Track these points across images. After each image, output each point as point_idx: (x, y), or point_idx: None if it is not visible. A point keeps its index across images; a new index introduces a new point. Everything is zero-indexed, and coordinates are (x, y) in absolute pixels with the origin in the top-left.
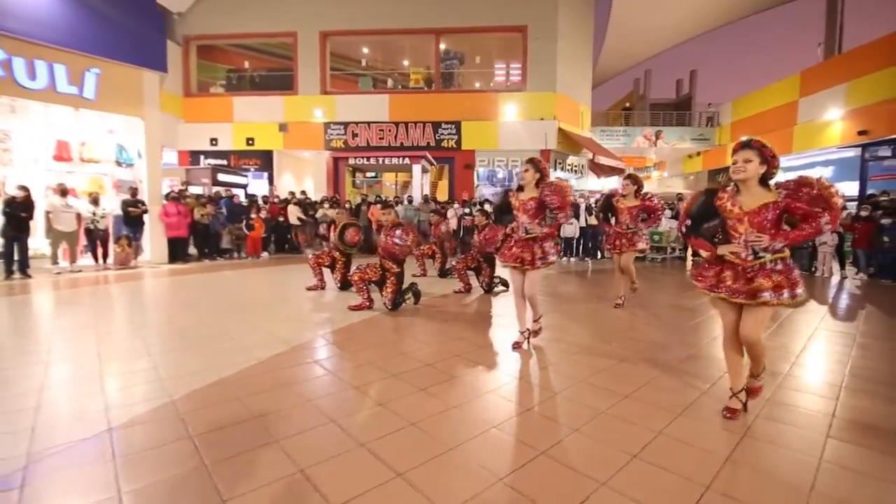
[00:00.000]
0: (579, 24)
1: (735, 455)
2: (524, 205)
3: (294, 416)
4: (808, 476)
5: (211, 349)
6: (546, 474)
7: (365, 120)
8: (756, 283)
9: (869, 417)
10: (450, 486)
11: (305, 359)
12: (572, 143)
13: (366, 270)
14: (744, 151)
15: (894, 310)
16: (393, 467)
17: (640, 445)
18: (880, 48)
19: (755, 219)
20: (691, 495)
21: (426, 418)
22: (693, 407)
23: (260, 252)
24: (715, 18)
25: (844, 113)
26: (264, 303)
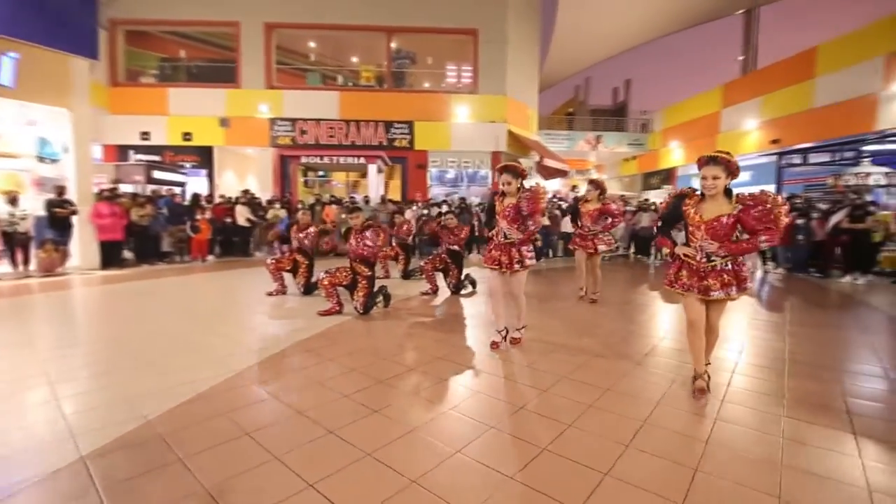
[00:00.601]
0: (527, 30)
1: (713, 437)
2: (504, 210)
3: (290, 429)
4: (776, 452)
5: (178, 363)
6: (553, 469)
7: (314, 117)
8: (707, 282)
9: (813, 398)
10: (465, 488)
11: (286, 368)
12: (521, 145)
13: (336, 274)
14: (711, 167)
15: (812, 300)
16: (406, 474)
17: (630, 435)
18: (789, 67)
19: (710, 227)
20: (684, 477)
21: (427, 423)
22: (668, 395)
23: (206, 255)
24: (647, 32)
25: (760, 123)
26: (224, 310)
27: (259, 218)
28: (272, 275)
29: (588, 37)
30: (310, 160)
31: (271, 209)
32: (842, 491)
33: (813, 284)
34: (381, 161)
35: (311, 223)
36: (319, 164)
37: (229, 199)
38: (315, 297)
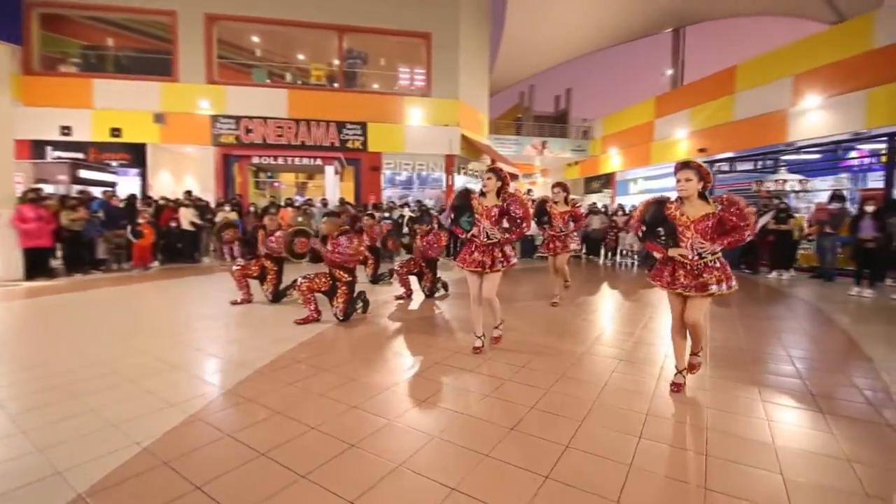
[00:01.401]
0: (478, 37)
1: (711, 425)
2: (488, 211)
3: (308, 445)
4: (766, 434)
5: (156, 382)
6: (582, 463)
7: (260, 115)
8: (703, 279)
9: (783, 383)
10: (505, 491)
11: (279, 381)
12: (474, 149)
13: (314, 280)
14: (684, 171)
15: (752, 295)
16: (447, 483)
17: (639, 426)
18: (713, 82)
19: (699, 226)
20: (698, 463)
21: (447, 428)
22: (658, 389)
23: (149, 262)
24: (586, 46)
25: (689, 133)
26: (191, 323)
27: (206, 221)
28: (237, 282)
29: (532, 47)
30: (262, 160)
31: (220, 211)
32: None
33: (744, 280)
34: (339, 162)
35: (280, 228)
36: (273, 164)
37: (174, 201)
38: (285, 305)
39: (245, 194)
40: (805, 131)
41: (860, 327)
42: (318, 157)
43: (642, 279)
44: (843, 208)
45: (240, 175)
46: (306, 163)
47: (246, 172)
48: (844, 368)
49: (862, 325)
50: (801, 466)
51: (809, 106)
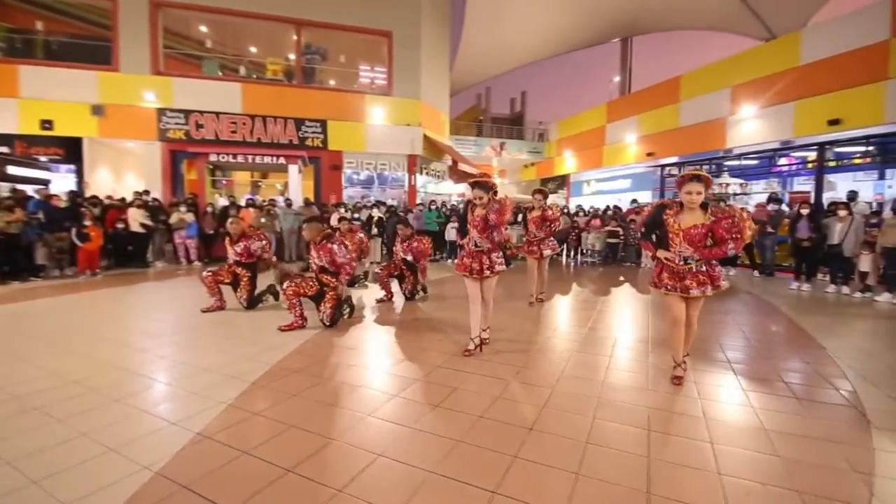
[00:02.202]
0: (439, 38)
1: (709, 415)
2: (474, 221)
3: (333, 458)
4: (755, 419)
5: (147, 399)
6: (609, 457)
7: (212, 109)
8: (686, 282)
9: (757, 372)
10: (543, 488)
11: (283, 393)
12: (436, 149)
13: (300, 285)
14: (695, 184)
15: None
16: (487, 487)
17: (644, 420)
18: (660, 91)
19: (688, 234)
20: (707, 451)
21: (470, 431)
22: (657, 381)
23: (97, 267)
24: (541, 51)
25: (638, 138)
26: (162, 333)
27: (159, 223)
28: (209, 289)
29: (490, 51)
30: (220, 158)
31: (175, 212)
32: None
33: None
34: (302, 161)
35: (246, 230)
36: (232, 163)
37: (121, 200)
38: (261, 311)
39: (202, 194)
40: (742, 138)
41: (807, 318)
42: (281, 156)
43: (607, 276)
44: (780, 209)
45: (190, 173)
46: (268, 161)
47: (202, 170)
48: (803, 356)
49: (808, 316)
50: (780, 443)
51: (745, 115)
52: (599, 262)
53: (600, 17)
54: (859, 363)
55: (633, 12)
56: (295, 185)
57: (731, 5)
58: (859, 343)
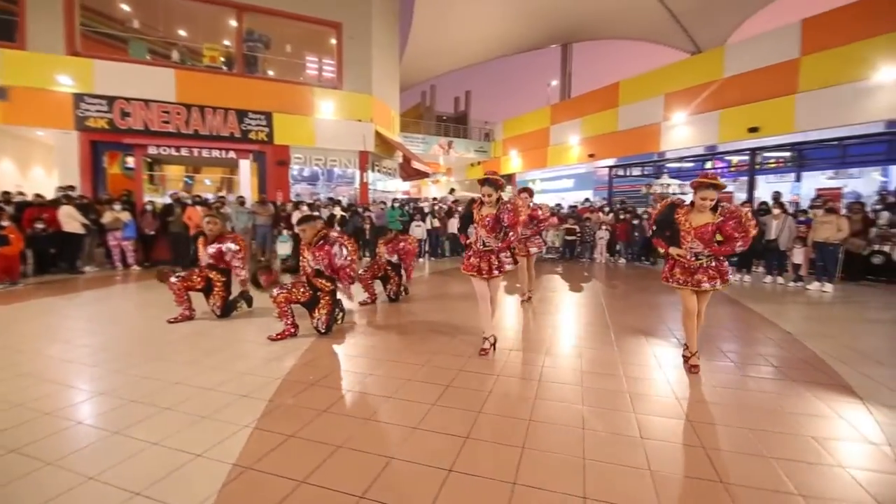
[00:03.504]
0: (389, 33)
1: (715, 399)
2: (483, 220)
3: (401, 479)
4: (771, 403)
5: (152, 429)
6: (617, 446)
7: (141, 97)
8: (697, 277)
9: (748, 358)
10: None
11: (310, 410)
12: (387, 146)
13: (292, 291)
14: (710, 191)
15: (657, 282)
16: (573, 492)
17: (647, 409)
18: (600, 95)
19: (699, 232)
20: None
21: (529, 437)
22: (672, 369)
23: (17, 276)
24: (485, 53)
25: (580, 140)
26: (134, 350)
27: (91, 222)
28: (177, 297)
29: (436, 50)
30: (161, 151)
31: (109, 211)
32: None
33: (647, 271)
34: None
35: (225, 232)
36: (175, 156)
37: (52, 200)
38: (236, 320)
39: (139, 191)
40: (674, 143)
41: (761, 306)
42: (232, 150)
43: (572, 271)
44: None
45: (112, 166)
46: (217, 155)
47: (140, 164)
48: (775, 342)
49: (760, 304)
50: (761, 420)
51: (677, 121)
52: (558, 259)
53: (541, 23)
54: (825, 346)
55: (572, 20)
56: (246, 182)
57: (662, 19)
58: (816, 328)
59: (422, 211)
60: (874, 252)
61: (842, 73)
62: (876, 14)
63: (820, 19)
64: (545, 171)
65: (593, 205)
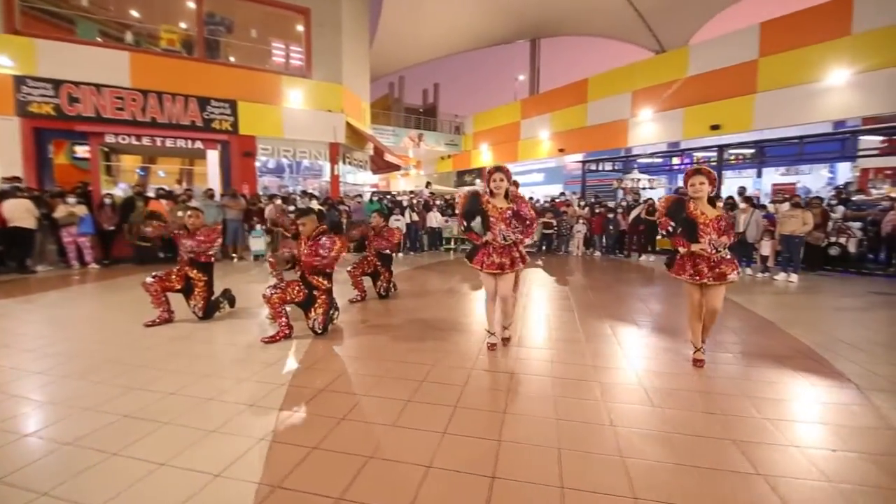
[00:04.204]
0: (359, 23)
1: (726, 390)
2: (502, 214)
3: (444, 489)
4: (780, 392)
5: (163, 447)
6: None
7: (91, 81)
8: (721, 270)
9: (747, 345)
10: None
11: (328, 418)
12: (359, 137)
13: (287, 290)
14: (697, 176)
15: (634, 274)
16: (624, 494)
17: (658, 400)
18: (569, 91)
19: (716, 225)
20: (754, 422)
21: (562, 437)
22: (674, 363)
23: None
24: (454, 46)
25: (550, 135)
26: (112, 358)
27: (42, 217)
28: (154, 298)
29: (405, 41)
30: (121, 140)
31: (62, 205)
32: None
33: (622, 263)
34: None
35: (204, 225)
36: (136, 146)
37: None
38: (219, 322)
39: (95, 183)
40: (641, 138)
41: (738, 296)
42: (199, 139)
43: (553, 265)
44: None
45: (59, 156)
46: (182, 145)
47: (96, 154)
48: (763, 330)
49: (737, 294)
50: (776, 409)
51: (644, 118)
52: (536, 252)
53: (510, 17)
54: (808, 334)
55: (541, 15)
56: (214, 174)
57: (629, 17)
58: (794, 316)
59: (400, 205)
60: (831, 244)
61: (796, 75)
62: (828, 19)
63: (777, 23)
64: (516, 165)
65: (569, 199)
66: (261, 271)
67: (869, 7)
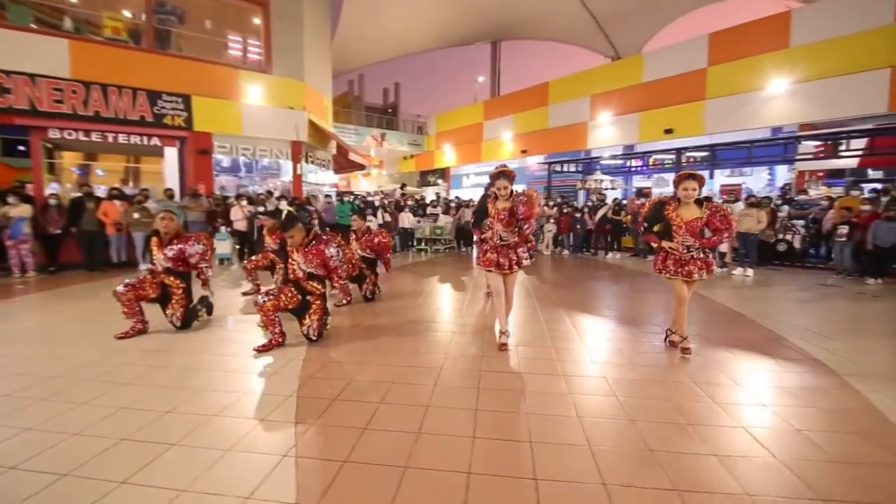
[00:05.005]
0: (321, 16)
1: (724, 381)
2: (499, 214)
3: (491, 495)
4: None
5: (178, 471)
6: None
7: (25, 70)
8: (689, 268)
9: (729, 336)
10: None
11: (347, 429)
12: (321, 136)
13: (280, 297)
14: (691, 181)
15: (603, 271)
16: (664, 486)
17: (663, 388)
18: (531, 94)
19: (689, 226)
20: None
21: (592, 437)
22: (670, 354)
23: None
24: (415, 45)
25: (513, 136)
26: (89, 376)
27: None
28: (126, 308)
29: (366, 38)
30: (66, 135)
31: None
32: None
33: (589, 260)
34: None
35: (181, 231)
36: (84, 142)
37: None
38: (198, 332)
39: (38, 182)
40: (600, 141)
41: (705, 290)
42: (155, 136)
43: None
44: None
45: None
46: (137, 142)
47: (38, 150)
48: (738, 322)
49: (703, 289)
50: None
51: (602, 121)
52: None
53: (472, 19)
54: (778, 324)
55: (502, 18)
56: (172, 172)
57: (586, 23)
58: (760, 308)
59: (372, 205)
60: (779, 240)
61: (742, 84)
62: (769, 33)
63: (724, 34)
64: (479, 166)
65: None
66: (228, 275)
67: (804, 23)
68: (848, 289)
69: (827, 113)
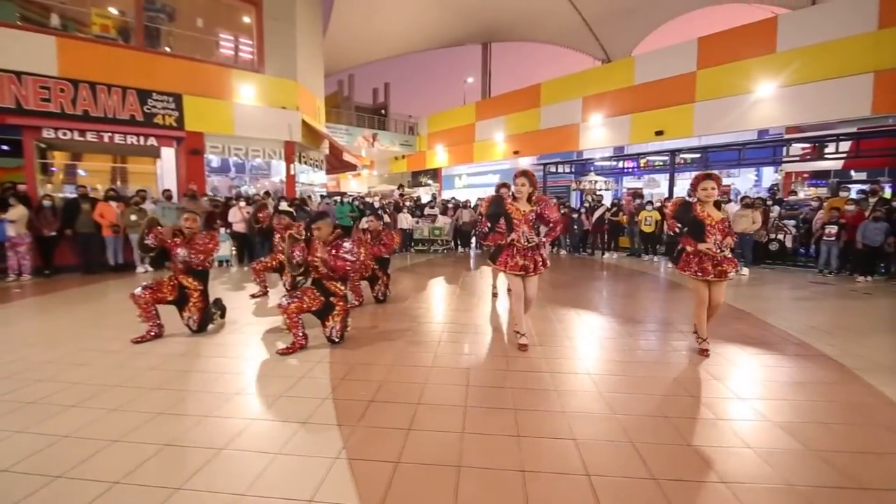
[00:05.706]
0: (313, 15)
1: (746, 377)
2: (526, 217)
3: (552, 493)
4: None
5: (227, 473)
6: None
7: (10, 68)
8: (723, 268)
9: (738, 334)
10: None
11: (394, 427)
12: (315, 136)
13: (303, 299)
14: (709, 181)
15: (597, 272)
16: (708, 479)
17: (674, 385)
18: (523, 95)
19: (721, 226)
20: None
21: (631, 429)
22: (680, 355)
23: None
24: (406, 46)
25: (505, 137)
26: (112, 381)
27: None
28: (143, 311)
29: (357, 39)
30: (60, 135)
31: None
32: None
33: (589, 261)
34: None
35: (197, 231)
36: (79, 142)
37: None
38: (215, 335)
39: (31, 183)
40: (591, 142)
41: None
42: (152, 136)
43: None
44: (641, 203)
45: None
46: (133, 142)
47: (31, 150)
48: (743, 320)
49: None
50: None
51: (594, 123)
52: None
53: (463, 20)
54: (784, 321)
55: (493, 19)
56: (168, 173)
57: (576, 26)
58: (762, 306)
59: (372, 206)
60: (771, 240)
61: (730, 87)
62: (756, 38)
63: (713, 39)
64: (471, 167)
65: None
66: (229, 278)
67: (790, 29)
68: (840, 287)
69: (812, 116)
